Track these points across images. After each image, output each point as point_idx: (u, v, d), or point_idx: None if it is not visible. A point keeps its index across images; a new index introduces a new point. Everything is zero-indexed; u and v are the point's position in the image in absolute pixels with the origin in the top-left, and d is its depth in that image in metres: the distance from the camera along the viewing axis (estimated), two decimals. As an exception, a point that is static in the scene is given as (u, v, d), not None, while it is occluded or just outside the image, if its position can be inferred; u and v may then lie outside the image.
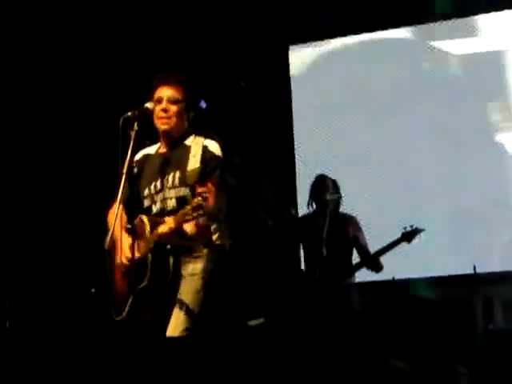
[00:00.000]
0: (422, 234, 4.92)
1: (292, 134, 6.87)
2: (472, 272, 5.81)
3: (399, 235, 4.90)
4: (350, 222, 5.18)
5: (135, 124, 3.43)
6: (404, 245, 4.93)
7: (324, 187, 5.11)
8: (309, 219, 5.19)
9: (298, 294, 5.01)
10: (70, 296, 5.92)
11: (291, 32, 6.77)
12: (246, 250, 3.80)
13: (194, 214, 3.21)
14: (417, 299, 4.93)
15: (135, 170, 3.65)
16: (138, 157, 3.73)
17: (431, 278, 6.07)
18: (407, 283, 5.91)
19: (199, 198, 3.21)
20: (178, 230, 3.36)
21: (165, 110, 3.58)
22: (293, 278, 5.21)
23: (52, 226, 6.22)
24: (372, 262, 5.01)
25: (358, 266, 5.03)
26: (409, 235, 4.88)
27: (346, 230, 5.08)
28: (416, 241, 4.91)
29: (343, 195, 5.21)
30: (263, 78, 6.70)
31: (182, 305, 3.43)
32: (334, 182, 5.18)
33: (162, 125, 3.61)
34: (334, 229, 4.98)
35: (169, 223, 3.38)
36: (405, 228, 4.91)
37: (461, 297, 5.67)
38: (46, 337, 5.33)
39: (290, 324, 5.10)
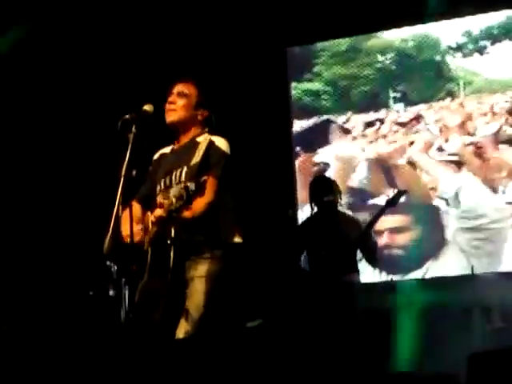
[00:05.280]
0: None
1: (290, 135, 6.91)
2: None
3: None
4: (352, 223, 5.15)
5: (133, 127, 3.45)
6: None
7: (322, 188, 5.11)
8: (310, 222, 5.16)
9: (299, 293, 5.00)
10: (68, 299, 5.90)
11: (288, 34, 6.78)
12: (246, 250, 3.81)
13: (177, 204, 3.24)
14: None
15: (150, 169, 3.74)
16: (155, 156, 3.82)
17: (428, 279, 6.10)
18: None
19: (182, 189, 3.23)
20: (171, 219, 3.32)
21: (171, 102, 3.65)
22: (293, 278, 5.19)
23: (50, 229, 6.22)
24: (369, 247, 5.01)
25: (355, 247, 4.99)
26: (393, 199, 4.98)
27: (348, 232, 5.03)
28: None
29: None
30: (260, 80, 6.71)
31: (190, 307, 3.43)
32: (333, 182, 5.17)
33: (167, 116, 3.66)
34: (336, 230, 4.97)
35: (158, 212, 3.40)
36: (388, 195, 5.07)
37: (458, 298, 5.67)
38: (46, 340, 5.33)
39: (289, 325, 5.11)
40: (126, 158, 3.40)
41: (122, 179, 3.37)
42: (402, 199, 5.11)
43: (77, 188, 6.30)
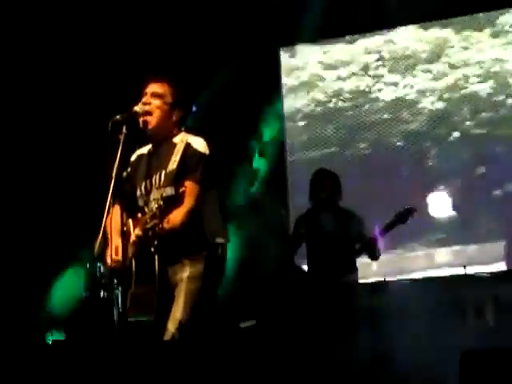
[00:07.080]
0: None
1: (283, 133, 6.91)
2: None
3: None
4: (353, 218, 5.09)
5: (124, 127, 3.44)
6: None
7: (323, 183, 5.07)
8: (310, 216, 5.11)
9: (295, 293, 4.99)
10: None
11: (281, 34, 6.77)
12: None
13: (152, 223, 3.23)
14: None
15: (129, 170, 3.68)
16: (133, 158, 3.76)
17: (421, 278, 6.10)
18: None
19: (155, 206, 3.22)
20: (149, 235, 3.29)
21: (145, 103, 3.57)
22: (290, 277, 5.18)
23: (42, 230, 6.20)
24: (371, 247, 4.92)
25: (360, 251, 4.95)
26: (402, 216, 4.85)
27: (349, 227, 5.00)
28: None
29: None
30: (254, 79, 6.70)
31: (179, 308, 3.41)
32: (334, 176, 5.10)
33: (143, 121, 3.56)
34: (336, 225, 4.95)
35: (137, 231, 3.38)
36: (398, 211, 4.90)
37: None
38: (40, 342, 5.33)
39: (284, 325, 5.11)
40: (117, 159, 3.39)
41: (113, 180, 3.36)
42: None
43: (68, 189, 6.29)
